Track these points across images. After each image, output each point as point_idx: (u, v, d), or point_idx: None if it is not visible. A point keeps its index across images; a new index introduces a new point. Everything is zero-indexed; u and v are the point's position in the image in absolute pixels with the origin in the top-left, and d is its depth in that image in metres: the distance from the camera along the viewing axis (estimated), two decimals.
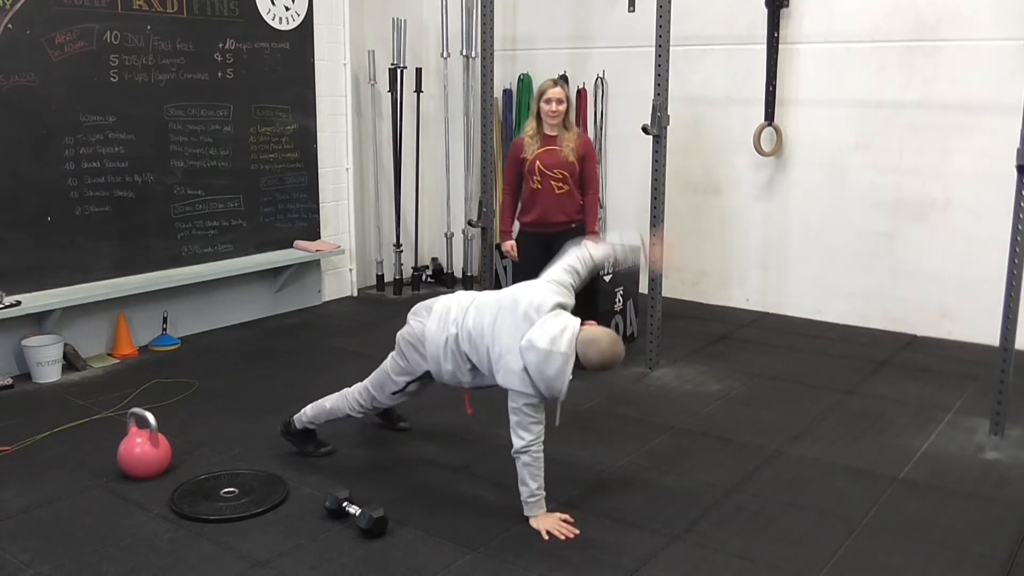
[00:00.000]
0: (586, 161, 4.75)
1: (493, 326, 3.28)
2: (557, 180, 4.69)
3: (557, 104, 4.63)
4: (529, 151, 4.73)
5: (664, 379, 4.96)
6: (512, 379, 3.19)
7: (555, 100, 4.63)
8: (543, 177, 4.70)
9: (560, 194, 4.73)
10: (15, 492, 3.54)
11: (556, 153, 4.70)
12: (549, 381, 3.14)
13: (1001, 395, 4.11)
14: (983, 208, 5.42)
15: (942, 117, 5.52)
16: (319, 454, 3.89)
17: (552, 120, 4.66)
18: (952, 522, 3.36)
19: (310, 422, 3.85)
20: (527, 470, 3.27)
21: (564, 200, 4.75)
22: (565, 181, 4.71)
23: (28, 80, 4.78)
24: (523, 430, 3.23)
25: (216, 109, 5.69)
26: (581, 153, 4.73)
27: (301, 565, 3.04)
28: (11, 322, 4.79)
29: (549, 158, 4.70)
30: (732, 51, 6.15)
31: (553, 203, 4.74)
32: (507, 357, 3.19)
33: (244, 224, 5.96)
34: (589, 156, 4.77)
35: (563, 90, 4.66)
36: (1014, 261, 3.94)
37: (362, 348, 5.52)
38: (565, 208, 4.77)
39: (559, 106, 4.64)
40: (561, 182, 4.70)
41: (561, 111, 4.64)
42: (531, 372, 3.14)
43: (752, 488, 3.63)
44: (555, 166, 4.69)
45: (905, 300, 5.82)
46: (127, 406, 4.15)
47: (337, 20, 6.48)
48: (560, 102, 4.63)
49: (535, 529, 3.26)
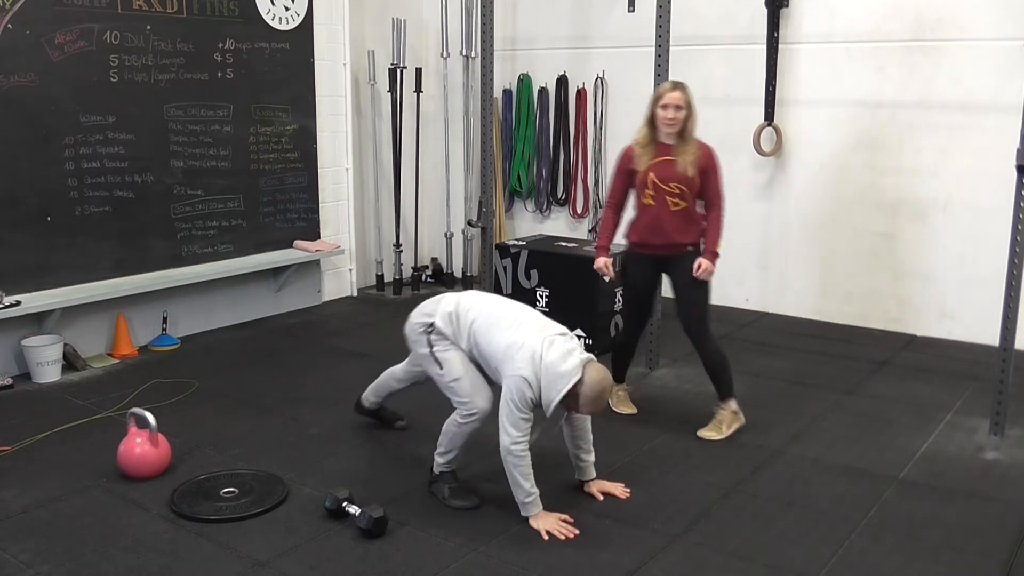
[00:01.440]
0: (709, 174, 4.09)
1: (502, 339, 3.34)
2: (673, 195, 4.05)
3: (675, 111, 4.00)
4: (641, 162, 4.10)
5: (664, 379, 4.96)
6: (520, 367, 3.20)
7: (673, 106, 4.00)
8: (657, 191, 4.07)
9: (676, 211, 4.07)
10: (15, 492, 3.54)
11: (673, 165, 4.04)
12: (553, 380, 3.16)
13: (1001, 395, 4.11)
14: (983, 208, 5.42)
15: (942, 117, 5.52)
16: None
17: (669, 128, 4.03)
18: (952, 522, 3.36)
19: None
20: (517, 471, 3.26)
21: (680, 218, 4.09)
22: (683, 197, 4.05)
23: (28, 80, 4.78)
24: (512, 426, 3.22)
25: (216, 109, 5.69)
26: (702, 166, 4.06)
27: (301, 565, 3.04)
28: (11, 322, 4.79)
29: (664, 170, 4.05)
30: (732, 51, 6.15)
31: (667, 221, 4.09)
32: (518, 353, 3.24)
33: (244, 224, 5.96)
34: (712, 169, 4.10)
35: (684, 95, 4.03)
36: (1014, 261, 3.94)
37: (362, 348, 5.52)
38: (681, 227, 4.11)
39: (678, 113, 4.00)
40: (678, 198, 4.05)
41: (679, 119, 4.01)
42: (542, 365, 3.17)
43: (752, 488, 3.64)
44: (671, 179, 4.04)
45: (905, 300, 5.82)
46: (127, 406, 4.15)
47: (337, 20, 6.48)
48: (679, 108, 4.00)
49: (535, 529, 3.27)
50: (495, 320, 3.41)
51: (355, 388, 4.78)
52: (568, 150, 7.02)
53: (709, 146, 4.13)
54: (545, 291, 5.49)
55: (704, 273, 4.05)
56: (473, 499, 3.47)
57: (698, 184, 4.07)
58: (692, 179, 4.05)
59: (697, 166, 4.04)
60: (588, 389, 3.20)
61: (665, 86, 4.13)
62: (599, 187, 6.91)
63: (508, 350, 3.28)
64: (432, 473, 3.56)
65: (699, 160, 4.05)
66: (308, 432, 4.19)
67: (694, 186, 4.06)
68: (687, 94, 4.03)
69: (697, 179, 4.06)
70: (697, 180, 4.06)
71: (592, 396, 3.21)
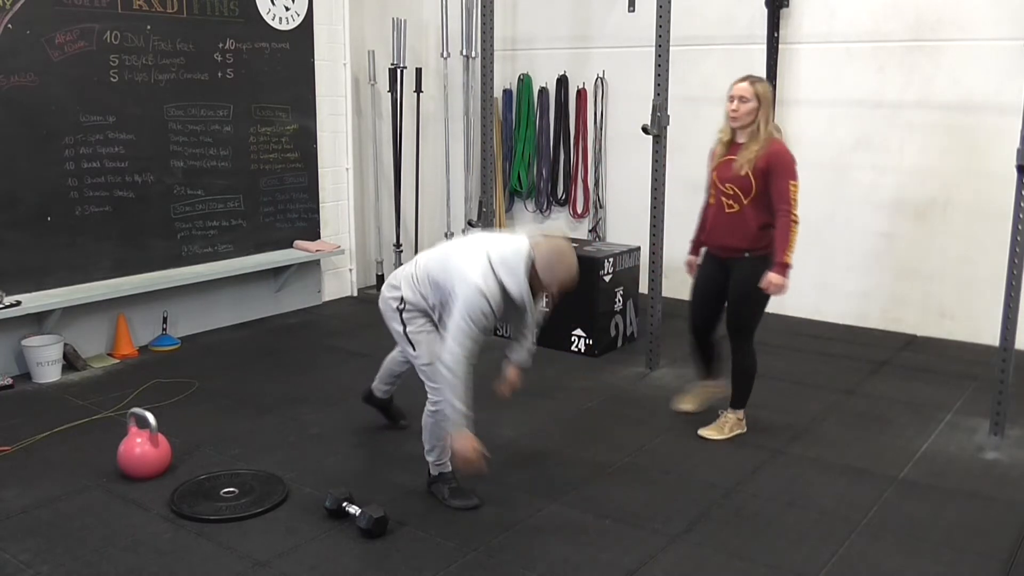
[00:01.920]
0: (772, 176, 3.75)
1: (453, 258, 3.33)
2: (728, 197, 3.85)
3: (739, 102, 3.77)
4: (715, 159, 3.97)
5: (664, 379, 4.96)
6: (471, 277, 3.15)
7: (737, 97, 3.78)
8: (716, 191, 3.92)
9: (730, 213, 3.86)
10: (15, 492, 3.54)
11: (731, 164, 3.85)
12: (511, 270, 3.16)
13: (1001, 395, 4.11)
14: (983, 208, 5.42)
15: (942, 117, 5.52)
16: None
17: (732, 121, 3.83)
18: (952, 522, 3.36)
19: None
20: (451, 390, 3.15)
21: (734, 221, 3.86)
22: (736, 199, 3.83)
23: (28, 80, 4.78)
24: (457, 343, 3.13)
25: (216, 109, 5.69)
26: (762, 165, 3.75)
27: (301, 565, 3.04)
28: (11, 322, 4.79)
29: (724, 170, 3.87)
30: (732, 51, 6.15)
31: (721, 223, 3.92)
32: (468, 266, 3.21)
33: (244, 224, 5.96)
34: (777, 170, 3.75)
35: (751, 87, 3.77)
36: (1014, 261, 3.94)
37: (362, 348, 5.52)
38: (734, 231, 3.88)
39: (741, 104, 3.77)
40: (732, 200, 3.84)
41: (742, 111, 3.76)
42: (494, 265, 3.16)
43: (752, 488, 3.64)
44: (727, 180, 3.85)
45: (905, 300, 5.82)
46: (127, 406, 4.15)
47: (337, 20, 6.48)
48: (744, 100, 3.76)
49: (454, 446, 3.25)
50: (446, 253, 3.40)
51: (355, 388, 4.78)
52: (568, 150, 7.02)
53: (780, 145, 3.81)
54: None
55: (771, 288, 3.79)
56: (473, 499, 3.45)
57: (756, 186, 3.78)
58: (745, 179, 3.78)
59: (755, 166, 3.76)
60: (542, 259, 3.15)
61: (737, 78, 3.89)
62: (599, 187, 6.92)
63: (459, 270, 3.22)
64: (430, 475, 3.55)
65: (759, 159, 3.75)
66: (308, 432, 4.19)
67: (749, 188, 3.78)
68: (756, 87, 3.79)
69: (754, 180, 3.77)
70: (754, 182, 3.77)
71: (549, 263, 3.14)
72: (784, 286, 3.80)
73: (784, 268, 3.78)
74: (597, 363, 5.24)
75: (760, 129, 3.79)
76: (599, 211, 6.95)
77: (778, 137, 3.86)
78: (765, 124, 3.78)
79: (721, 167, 3.90)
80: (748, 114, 3.77)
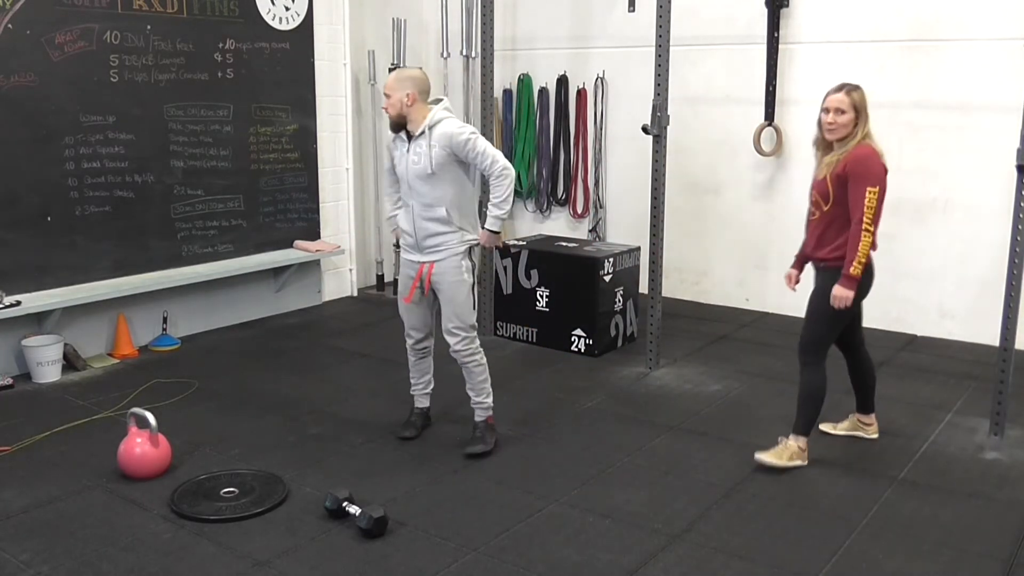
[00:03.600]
0: (851, 182, 3.59)
1: None
2: (813, 204, 3.78)
3: (835, 114, 3.61)
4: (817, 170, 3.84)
5: (664, 379, 4.96)
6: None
7: (833, 110, 3.62)
8: (809, 200, 3.83)
9: (813, 221, 3.79)
10: (15, 492, 3.54)
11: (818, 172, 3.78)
12: None
13: (1001, 395, 4.11)
14: (983, 208, 5.42)
15: (942, 117, 5.52)
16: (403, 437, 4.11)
17: (829, 134, 3.67)
18: (952, 522, 3.36)
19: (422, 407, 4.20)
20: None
21: (815, 229, 3.78)
22: (817, 207, 3.74)
23: (28, 80, 4.78)
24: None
25: (216, 109, 5.69)
26: (840, 171, 3.60)
27: (301, 565, 3.04)
28: (11, 322, 4.79)
29: (815, 178, 3.80)
30: (732, 51, 6.15)
31: (809, 232, 3.85)
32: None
33: (244, 224, 5.96)
34: (856, 176, 3.58)
35: (848, 97, 3.61)
36: (1014, 261, 3.94)
37: (362, 348, 5.52)
38: (814, 240, 3.79)
39: (838, 116, 3.61)
40: (814, 207, 3.76)
41: (839, 123, 3.61)
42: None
43: (752, 488, 3.63)
44: (814, 187, 3.77)
45: (905, 300, 5.82)
46: (127, 406, 4.15)
47: (337, 20, 6.48)
48: (840, 112, 3.60)
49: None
50: None
51: (355, 388, 4.79)
52: (568, 150, 7.02)
53: (865, 150, 3.61)
54: (545, 291, 5.49)
55: (837, 301, 3.63)
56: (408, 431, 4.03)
57: (834, 193, 3.63)
58: (823, 183, 3.67)
59: (834, 171, 3.61)
60: None
61: (831, 88, 3.70)
62: (599, 187, 6.92)
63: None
64: None
65: (839, 165, 3.61)
66: (308, 432, 4.19)
67: (827, 194, 3.65)
68: (853, 97, 3.61)
69: (831, 188, 3.63)
70: (832, 189, 3.63)
71: None
72: (848, 299, 3.62)
73: (849, 281, 3.60)
74: (597, 363, 5.24)
75: (858, 136, 3.63)
76: (599, 211, 6.95)
77: (869, 143, 3.65)
78: (863, 132, 3.64)
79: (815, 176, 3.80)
80: (845, 126, 3.62)
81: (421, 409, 4.15)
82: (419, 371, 4.11)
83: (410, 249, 3.89)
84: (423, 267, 3.82)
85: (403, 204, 3.86)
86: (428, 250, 3.80)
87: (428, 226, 3.76)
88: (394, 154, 3.87)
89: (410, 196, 3.79)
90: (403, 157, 3.78)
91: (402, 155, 3.79)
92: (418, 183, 3.73)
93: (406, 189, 3.80)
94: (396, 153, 3.85)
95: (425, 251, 3.81)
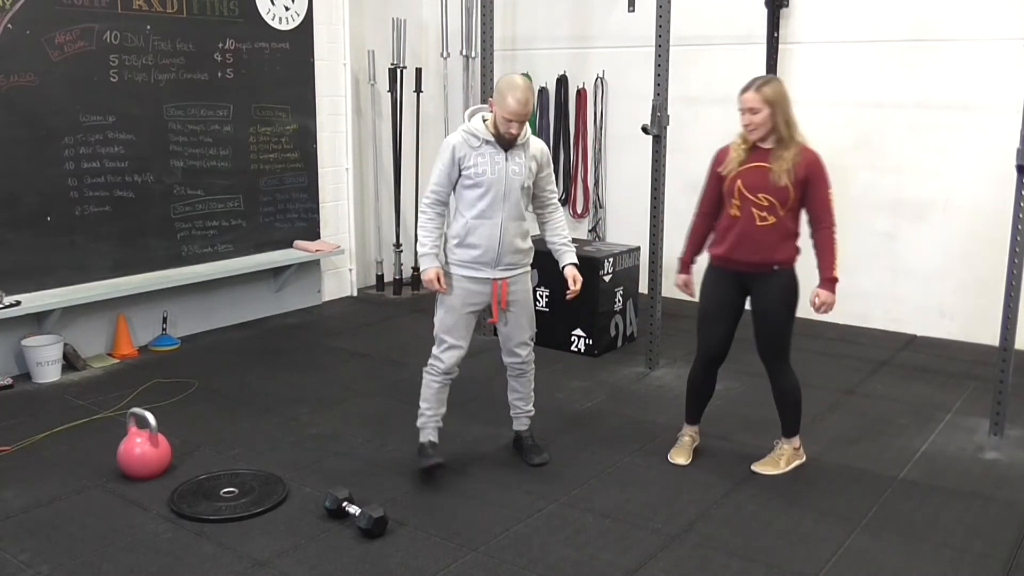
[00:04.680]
0: (812, 185, 3.53)
1: None
2: (761, 208, 3.53)
3: (750, 114, 3.51)
4: (730, 166, 3.61)
5: (664, 379, 4.96)
6: None
7: (747, 109, 3.52)
8: (743, 202, 3.56)
9: (762, 226, 3.55)
10: (15, 492, 3.54)
11: (765, 173, 3.52)
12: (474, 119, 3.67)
13: (1001, 395, 4.11)
14: (983, 208, 5.42)
15: (942, 117, 5.52)
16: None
17: (752, 135, 3.55)
18: (952, 522, 3.36)
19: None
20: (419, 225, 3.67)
21: (766, 234, 3.56)
22: (772, 211, 3.53)
23: (28, 80, 4.78)
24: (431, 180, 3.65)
25: (216, 109, 5.69)
26: (802, 175, 3.51)
27: (301, 565, 3.04)
28: (11, 322, 4.79)
29: (754, 178, 3.54)
30: (732, 51, 6.15)
31: (750, 236, 3.58)
32: None
33: (244, 224, 5.96)
34: (816, 179, 3.54)
35: (757, 94, 3.49)
36: (1014, 261, 3.94)
37: (362, 348, 5.52)
38: (764, 245, 3.58)
39: (753, 116, 3.50)
40: (766, 211, 3.53)
41: (755, 122, 3.50)
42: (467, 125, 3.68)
43: (752, 488, 3.63)
44: (760, 189, 3.53)
45: (905, 300, 5.82)
46: (127, 406, 4.15)
47: (337, 20, 6.48)
48: (754, 111, 3.49)
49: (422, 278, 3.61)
50: None
51: (355, 388, 4.79)
52: (568, 150, 7.02)
53: (815, 152, 3.57)
54: (545, 291, 5.49)
55: (823, 306, 3.59)
56: (434, 458, 3.67)
57: (794, 196, 3.52)
58: (785, 190, 3.51)
59: (795, 175, 3.50)
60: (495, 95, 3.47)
61: (744, 86, 3.57)
62: (599, 187, 6.92)
63: None
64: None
65: (798, 168, 3.50)
66: (308, 432, 4.19)
67: (787, 198, 3.52)
68: (764, 92, 3.48)
69: (793, 190, 3.51)
70: (793, 192, 3.51)
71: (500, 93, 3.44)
72: (834, 304, 3.59)
73: (834, 283, 3.58)
74: (597, 363, 5.24)
75: (784, 133, 3.53)
76: (599, 211, 6.95)
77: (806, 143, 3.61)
78: (787, 126, 3.53)
79: (748, 175, 3.56)
80: (763, 124, 3.51)
81: (434, 443, 3.74)
82: (440, 400, 3.71)
83: (481, 266, 3.58)
84: (497, 284, 3.61)
85: (481, 218, 3.53)
86: (508, 266, 3.62)
87: (516, 241, 3.60)
88: (469, 162, 3.52)
89: (501, 209, 3.53)
90: (498, 166, 3.52)
91: (495, 164, 3.52)
92: (515, 195, 3.56)
93: (497, 201, 3.51)
94: (479, 160, 3.51)
95: (504, 267, 3.61)
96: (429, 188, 3.61)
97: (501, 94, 3.43)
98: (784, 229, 3.58)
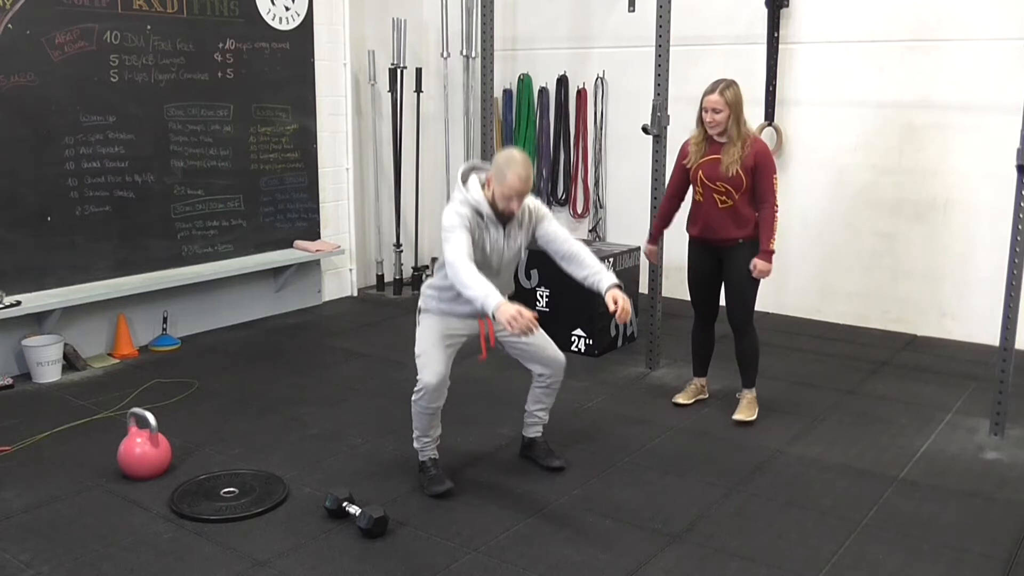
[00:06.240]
0: (759, 172, 4.14)
1: None
2: (720, 194, 4.17)
3: (712, 113, 4.08)
4: (692, 159, 4.23)
5: (664, 379, 4.96)
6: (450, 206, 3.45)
7: (711, 109, 4.08)
8: (705, 189, 4.21)
9: (724, 208, 4.19)
10: (15, 492, 3.54)
11: (718, 165, 4.15)
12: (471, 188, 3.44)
13: (1001, 395, 4.11)
14: (983, 208, 5.42)
15: (942, 117, 5.52)
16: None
17: (711, 130, 4.15)
18: (952, 522, 3.36)
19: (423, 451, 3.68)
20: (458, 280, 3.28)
21: (728, 215, 4.20)
22: (729, 195, 4.16)
23: (28, 80, 4.78)
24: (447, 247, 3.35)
25: (216, 109, 5.69)
26: (750, 163, 4.12)
27: (301, 565, 3.04)
28: (11, 322, 4.79)
29: (711, 169, 4.17)
30: (732, 51, 6.15)
31: (716, 217, 4.22)
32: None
33: (244, 224, 5.96)
34: (762, 167, 4.14)
35: (721, 97, 4.06)
36: (1014, 261, 3.94)
37: (362, 348, 5.52)
38: (728, 223, 4.21)
39: (715, 115, 4.08)
40: (724, 196, 4.17)
41: (719, 120, 4.08)
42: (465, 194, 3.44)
43: (752, 488, 3.64)
44: (717, 179, 4.16)
45: (905, 300, 5.82)
46: (127, 406, 4.16)
47: (337, 20, 6.48)
48: (717, 111, 4.07)
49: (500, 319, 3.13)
50: None
51: (355, 388, 4.80)
52: (568, 150, 7.02)
53: (762, 144, 4.19)
54: (545, 291, 5.49)
55: (759, 273, 4.18)
56: (446, 483, 3.53)
57: (747, 182, 4.14)
58: (736, 178, 4.13)
59: (743, 165, 4.11)
60: (493, 170, 3.33)
61: (707, 88, 4.13)
62: (599, 187, 6.92)
63: None
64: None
65: (746, 158, 4.11)
66: (308, 432, 4.19)
67: (740, 185, 4.14)
68: (726, 96, 4.06)
69: (744, 177, 4.13)
70: (744, 178, 4.13)
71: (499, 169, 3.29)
72: (770, 271, 4.20)
73: (770, 255, 4.18)
74: (597, 363, 5.24)
75: (734, 131, 4.11)
76: (599, 211, 6.95)
77: (756, 136, 4.26)
78: (737, 125, 4.11)
79: (706, 167, 4.19)
80: (722, 122, 4.10)
81: (436, 459, 3.68)
82: (434, 425, 3.61)
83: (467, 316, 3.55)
84: (483, 322, 3.54)
85: None
86: None
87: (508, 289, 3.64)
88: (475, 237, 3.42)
89: (497, 278, 3.44)
90: (497, 243, 3.47)
91: (495, 240, 3.47)
92: (510, 269, 3.60)
93: (491, 277, 3.33)
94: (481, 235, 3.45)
95: None
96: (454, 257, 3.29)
97: (500, 171, 3.29)
98: (742, 209, 4.20)
